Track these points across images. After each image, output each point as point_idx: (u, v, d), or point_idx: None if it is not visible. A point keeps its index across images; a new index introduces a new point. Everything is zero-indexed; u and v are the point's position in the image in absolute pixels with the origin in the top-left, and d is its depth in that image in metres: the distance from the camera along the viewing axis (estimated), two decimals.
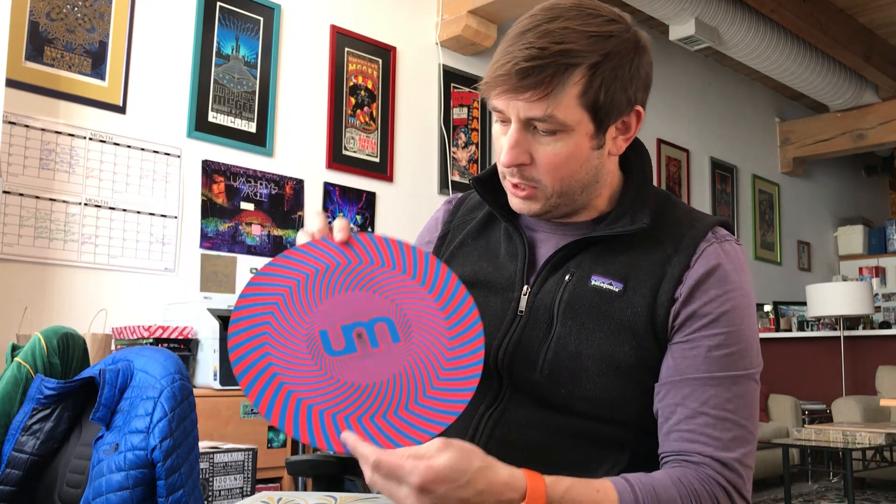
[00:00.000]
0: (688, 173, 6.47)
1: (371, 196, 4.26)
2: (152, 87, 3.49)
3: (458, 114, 4.75)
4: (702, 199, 6.59)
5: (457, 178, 4.68)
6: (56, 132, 3.16)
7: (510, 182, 1.06)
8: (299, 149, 4.01)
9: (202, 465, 2.46)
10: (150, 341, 2.94)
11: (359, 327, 0.95)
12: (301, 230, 1.03)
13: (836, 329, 6.32)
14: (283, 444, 3.16)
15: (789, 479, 4.32)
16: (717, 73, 6.90)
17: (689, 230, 1.06)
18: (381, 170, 4.34)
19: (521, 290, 1.10)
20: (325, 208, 4.06)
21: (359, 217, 4.20)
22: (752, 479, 0.99)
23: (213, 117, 3.66)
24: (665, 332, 1.02)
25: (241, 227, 3.72)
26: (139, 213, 3.38)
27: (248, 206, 3.75)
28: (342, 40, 4.24)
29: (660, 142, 6.19)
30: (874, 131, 6.97)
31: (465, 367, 0.93)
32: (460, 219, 1.25)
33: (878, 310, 7.78)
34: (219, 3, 3.74)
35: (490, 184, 1.16)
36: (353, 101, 4.25)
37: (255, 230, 3.76)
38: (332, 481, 1.39)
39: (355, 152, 4.23)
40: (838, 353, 6.04)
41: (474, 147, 4.81)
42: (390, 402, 0.92)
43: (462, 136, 4.75)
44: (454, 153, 4.70)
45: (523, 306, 1.08)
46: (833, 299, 5.91)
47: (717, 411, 0.97)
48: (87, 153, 3.24)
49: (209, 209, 3.61)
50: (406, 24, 4.58)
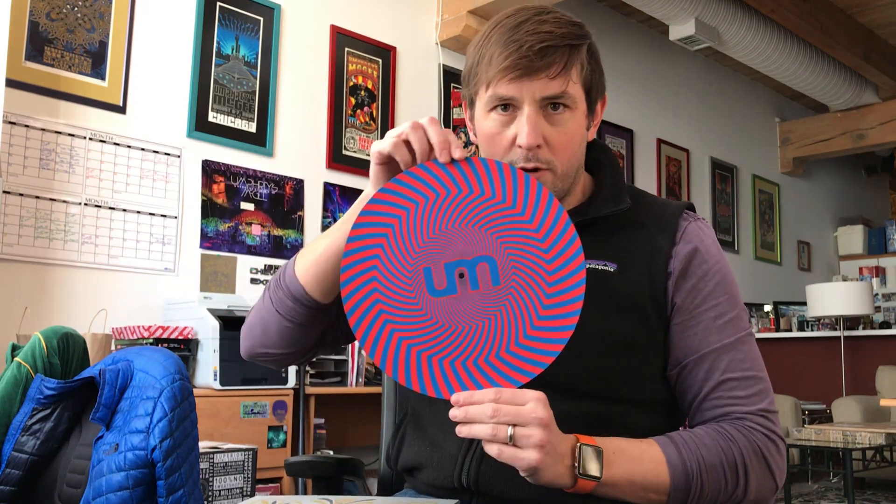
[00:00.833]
0: (688, 173, 6.47)
1: None
2: (152, 87, 3.49)
3: (458, 114, 4.75)
4: (702, 199, 6.58)
5: None
6: (56, 132, 3.16)
7: (524, 167, 1.09)
8: (299, 149, 4.01)
9: (202, 465, 2.46)
10: (150, 341, 2.95)
11: (461, 266, 0.93)
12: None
13: (836, 329, 6.32)
14: (283, 444, 3.16)
15: (789, 479, 4.31)
16: (717, 73, 6.90)
17: (665, 211, 1.14)
18: None
19: None
20: (324, 208, 4.06)
21: None
22: None
23: (213, 117, 3.66)
24: (665, 307, 1.09)
25: (241, 227, 3.72)
26: (139, 213, 3.38)
27: (248, 206, 3.75)
28: (342, 40, 4.24)
29: (660, 142, 6.19)
30: (874, 131, 6.97)
31: (563, 309, 0.92)
32: None
33: (878, 310, 7.78)
34: (219, 3, 3.74)
35: None
36: (353, 101, 4.25)
37: (255, 230, 3.76)
38: (332, 482, 1.39)
39: (355, 152, 4.23)
40: (838, 354, 6.04)
41: (474, 147, 4.81)
42: (489, 345, 0.91)
43: (462, 136, 4.75)
44: None
45: None
46: (833, 299, 5.91)
47: (738, 374, 1.06)
48: (87, 153, 3.24)
49: (209, 209, 3.61)
50: (406, 24, 4.58)
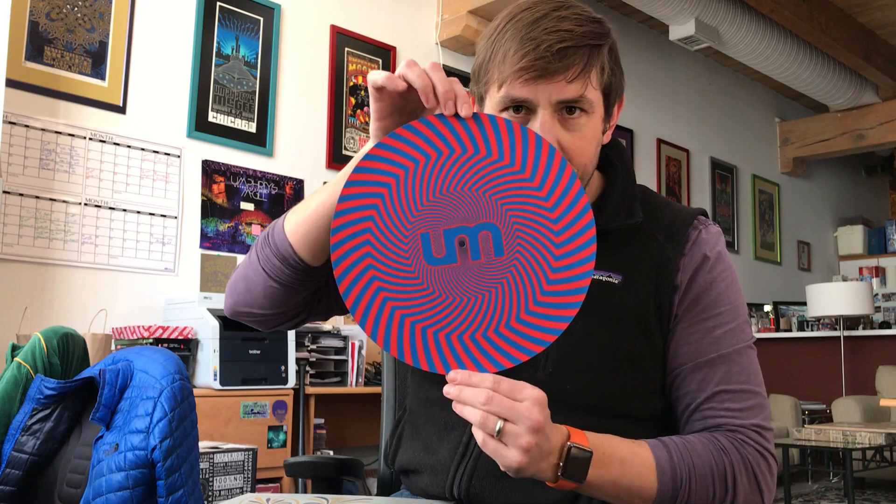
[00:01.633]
0: (688, 173, 6.46)
1: None
2: (152, 87, 3.49)
3: None
4: (702, 199, 6.59)
5: None
6: (56, 132, 3.16)
7: None
8: (299, 149, 4.01)
9: (202, 465, 2.46)
10: (150, 341, 2.95)
11: (462, 234, 0.87)
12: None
13: (836, 329, 6.32)
14: (283, 445, 3.16)
15: (789, 479, 4.32)
16: (717, 73, 6.90)
17: (674, 219, 1.09)
18: None
19: None
20: None
21: None
22: None
23: (213, 117, 3.66)
24: (669, 319, 1.05)
25: (241, 227, 3.72)
26: (139, 213, 3.38)
27: (248, 206, 3.75)
28: (342, 40, 4.24)
29: (660, 142, 6.19)
30: (874, 131, 6.96)
31: (569, 285, 0.86)
32: None
33: (877, 310, 7.78)
34: (219, 3, 3.74)
35: None
36: (353, 101, 4.25)
37: (255, 230, 3.76)
38: (331, 482, 1.39)
39: (355, 152, 4.23)
40: (838, 353, 6.04)
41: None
42: (489, 319, 0.86)
43: None
44: None
45: None
46: (833, 299, 5.91)
47: (732, 385, 1.02)
48: (87, 153, 3.24)
49: (209, 209, 3.61)
50: (406, 24, 4.58)
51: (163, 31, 3.55)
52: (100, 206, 3.26)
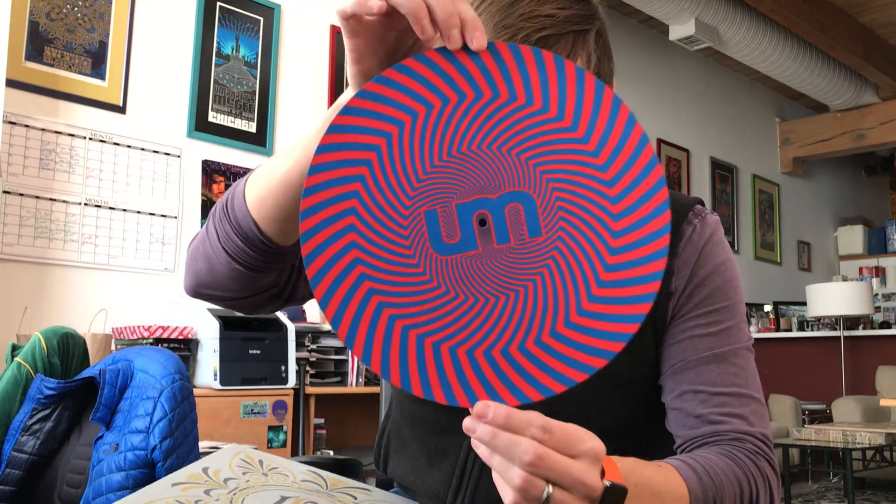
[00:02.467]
0: (688, 173, 6.46)
1: None
2: (152, 87, 3.48)
3: None
4: (702, 198, 6.58)
5: None
6: (56, 132, 3.16)
7: None
8: None
9: None
10: (151, 341, 2.94)
11: (482, 209, 0.65)
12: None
13: (836, 329, 6.32)
14: (283, 445, 3.16)
15: (789, 480, 4.31)
16: (717, 73, 6.90)
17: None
18: None
19: None
20: None
21: None
22: None
23: (213, 117, 3.66)
24: (663, 327, 0.94)
25: None
26: (139, 212, 3.37)
27: None
28: (342, 40, 4.23)
29: (660, 142, 6.19)
30: (874, 131, 6.96)
31: (635, 271, 0.64)
32: None
33: (878, 310, 7.78)
34: (219, 3, 3.74)
35: None
36: None
37: None
38: None
39: None
40: (838, 353, 6.04)
41: None
42: (524, 326, 0.64)
43: None
44: None
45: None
46: (833, 299, 5.91)
47: (729, 388, 0.92)
48: (87, 153, 3.24)
49: (209, 209, 3.61)
50: None
51: (163, 31, 3.55)
52: (100, 206, 3.26)
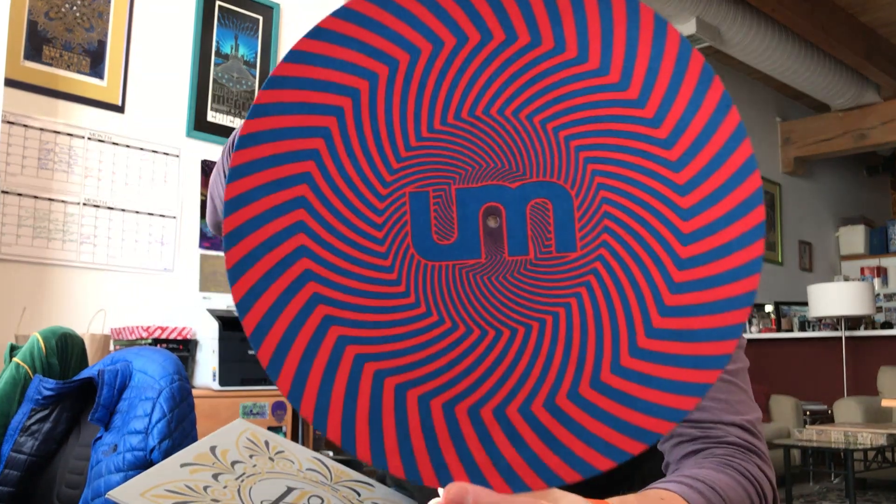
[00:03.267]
0: None
1: None
2: (151, 86, 3.48)
3: None
4: None
5: None
6: (55, 132, 3.15)
7: None
8: None
9: None
10: (149, 342, 2.93)
11: (494, 201, 0.48)
12: None
13: (837, 329, 6.31)
14: None
15: (790, 480, 4.31)
16: (717, 72, 6.87)
17: None
18: None
19: None
20: None
21: None
22: None
23: (212, 117, 3.65)
24: None
25: None
26: (138, 213, 3.36)
27: None
28: None
29: None
30: (876, 131, 6.96)
31: (716, 289, 0.46)
32: None
33: (879, 310, 7.77)
34: (218, 3, 3.73)
35: None
36: None
37: None
38: None
39: None
40: (840, 354, 6.03)
41: None
42: (547, 376, 0.46)
43: None
44: None
45: None
46: (834, 299, 5.90)
47: (712, 402, 0.85)
48: (86, 153, 3.23)
49: None
50: None
51: (162, 31, 3.54)
52: (98, 206, 3.25)
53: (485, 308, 0.47)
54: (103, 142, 3.29)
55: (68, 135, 3.19)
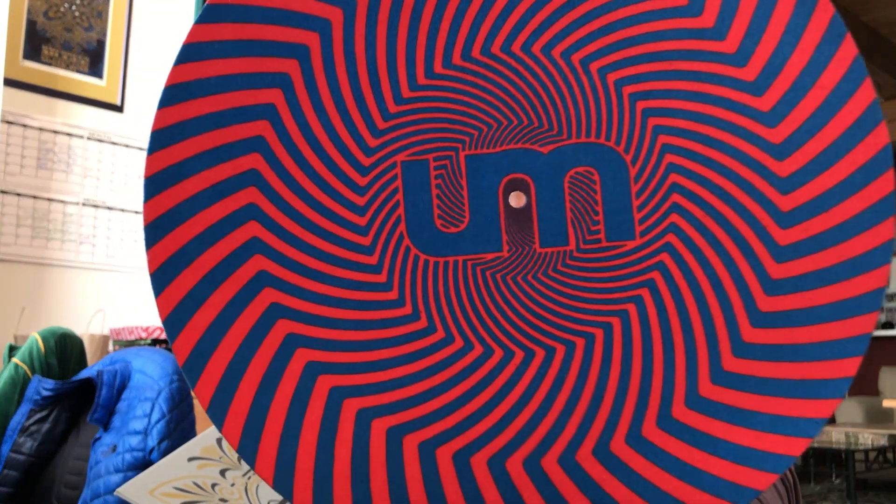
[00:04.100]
0: None
1: None
2: (151, 86, 3.47)
3: None
4: None
5: None
6: (54, 131, 3.15)
7: None
8: None
9: None
10: (149, 342, 2.93)
11: (518, 172, 0.34)
12: None
13: None
14: None
15: None
16: None
17: None
18: None
19: None
20: None
21: None
22: None
23: None
24: None
25: None
26: (137, 213, 3.36)
27: None
28: None
29: None
30: None
31: (832, 286, 0.33)
32: None
33: (881, 310, 7.77)
34: None
35: None
36: None
37: None
38: None
39: None
40: None
41: None
42: (605, 412, 0.33)
43: None
44: None
45: None
46: None
47: None
48: (86, 153, 3.22)
49: None
50: None
51: (161, 30, 3.54)
52: (98, 206, 3.24)
53: (508, 320, 0.34)
54: (102, 142, 3.28)
55: (67, 134, 3.18)
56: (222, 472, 0.85)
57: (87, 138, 3.25)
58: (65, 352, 1.69)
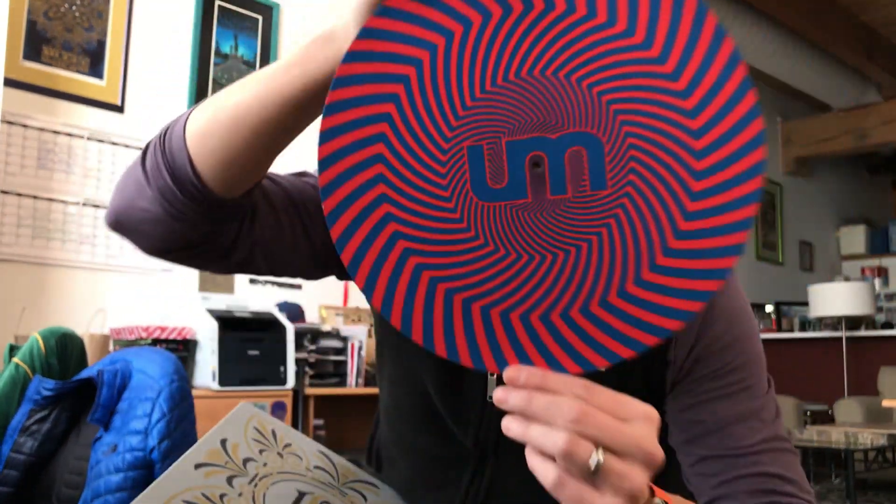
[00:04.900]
0: None
1: None
2: (151, 86, 3.47)
3: None
4: None
5: None
6: (54, 132, 3.15)
7: None
8: (299, 148, 3.99)
9: None
10: (149, 342, 2.93)
11: (538, 151, 0.56)
12: None
13: (838, 329, 6.31)
14: None
15: None
16: None
17: None
18: None
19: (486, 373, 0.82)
20: None
21: None
22: None
23: None
24: (662, 392, 0.82)
25: None
26: None
27: None
28: None
29: None
30: (877, 131, 6.95)
31: (713, 236, 0.55)
32: None
33: (880, 310, 7.77)
34: (217, 3, 3.72)
35: None
36: None
37: None
38: None
39: None
40: (840, 354, 6.03)
41: None
42: (577, 290, 0.56)
43: None
44: None
45: (492, 389, 0.79)
46: (835, 300, 5.90)
47: (757, 445, 0.79)
48: (86, 153, 3.23)
49: None
50: None
51: (161, 30, 3.54)
52: (98, 206, 3.24)
53: (531, 237, 0.56)
54: (103, 142, 3.28)
55: (68, 135, 3.19)
56: (229, 481, 0.84)
57: (88, 138, 3.25)
58: (65, 352, 1.69)
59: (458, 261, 0.57)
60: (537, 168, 0.56)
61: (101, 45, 3.33)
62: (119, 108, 3.35)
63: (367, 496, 0.94)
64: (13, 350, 1.70)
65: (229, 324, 3.05)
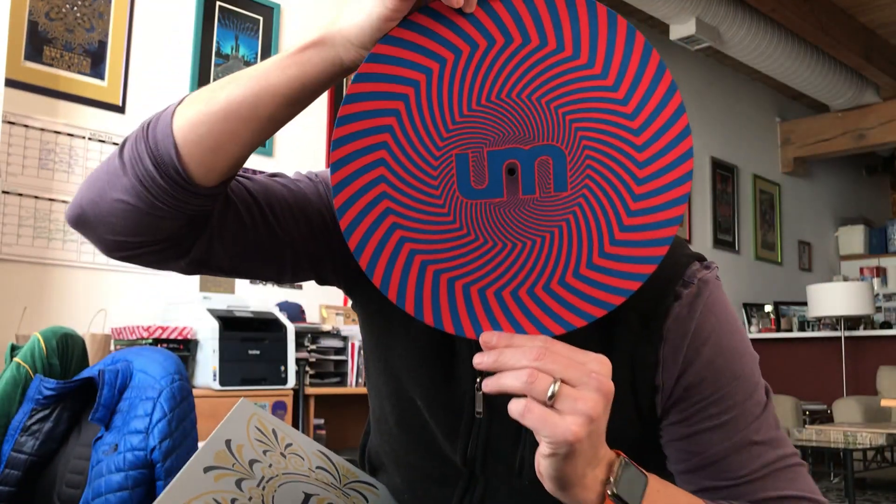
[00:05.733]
0: None
1: None
2: (152, 86, 3.48)
3: None
4: (702, 199, 6.58)
5: None
6: (55, 132, 3.16)
7: None
8: (299, 148, 4.00)
9: None
10: (150, 341, 2.94)
11: (513, 159, 0.68)
12: None
13: (836, 329, 6.31)
14: None
15: None
16: (717, 72, 6.89)
17: (651, 288, 0.74)
18: None
19: (473, 384, 0.80)
20: None
21: None
22: None
23: None
24: (653, 417, 0.82)
25: None
26: None
27: None
28: None
29: None
30: (875, 131, 6.96)
31: (650, 229, 0.68)
32: None
33: (878, 310, 7.77)
34: (218, 3, 3.73)
35: None
36: None
37: None
38: None
39: None
40: (839, 354, 6.03)
41: None
42: (541, 272, 0.68)
43: None
44: None
45: (480, 405, 0.78)
46: (834, 299, 5.91)
47: (759, 471, 0.80)
48: (87, 153, 3.23)
49: None
50: None
51: (162, 31, 3.54)
52: None
53: (506, 229, 0.68)
54: (104, 142, 3.29)
55: (69, 135, 3.19)
56: (238, 484, 0.85)
57: (89, 139, 3.26)
58: (66, 351, 1.69)
59: (445, 247, 0.69)
60: (512, 174, 0.68)
61: (103, 45, 3.34)
62: (120, 109, 3.36)
63: (367, 497, 0.95)
64: (14, 350, 1.70)
65: (230, 323, 3.06)
